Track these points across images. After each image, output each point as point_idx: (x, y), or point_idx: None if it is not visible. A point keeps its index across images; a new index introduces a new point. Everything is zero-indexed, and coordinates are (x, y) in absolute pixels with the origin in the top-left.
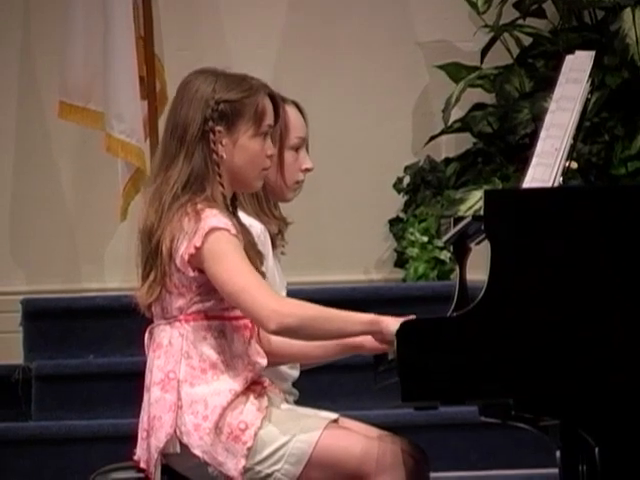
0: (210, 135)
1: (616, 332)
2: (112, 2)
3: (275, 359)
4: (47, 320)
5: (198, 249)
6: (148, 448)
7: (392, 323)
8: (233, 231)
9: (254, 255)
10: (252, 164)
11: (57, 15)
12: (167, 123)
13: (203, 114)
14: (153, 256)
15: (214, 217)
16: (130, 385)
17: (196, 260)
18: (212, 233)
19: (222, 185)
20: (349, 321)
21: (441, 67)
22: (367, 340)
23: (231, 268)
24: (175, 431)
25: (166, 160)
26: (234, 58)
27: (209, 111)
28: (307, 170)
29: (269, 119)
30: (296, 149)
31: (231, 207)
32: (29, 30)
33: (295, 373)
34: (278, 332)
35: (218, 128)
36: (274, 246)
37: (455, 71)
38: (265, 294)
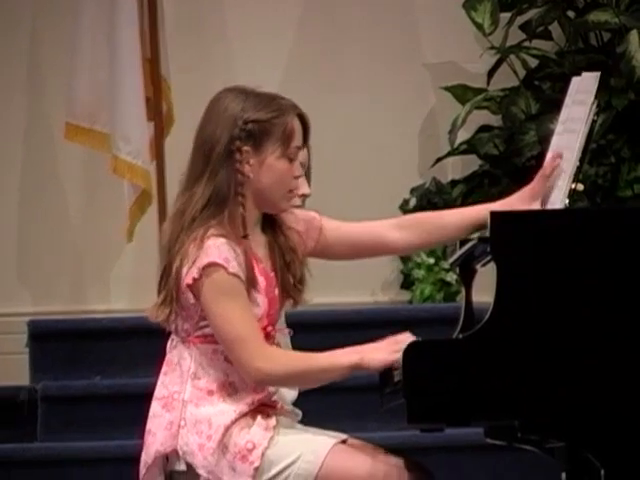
0: (236, 154)
1: (624, 355)
2: (119, 24)
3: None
4: (53, 341)
5: (196, 280)
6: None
7: (374, 359)
8: (231, 268)
9: None
10: (279, 184)
11: (64, 37)
12: (195, 139)
13: (230, 133)
14: (166, 275)
15: (216, 249)
16: (136, 406)
17: (194, 290)
18: (209, 268)
19: (243, 206)
20: (331, 370)
21: (447, 89)
22: None
23: (223, 315)
24: (177, 450)
25: (192, 177)
26: (241, 79)
27: (236, 130)
28: (304, 196)
29: (297, 140)
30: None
31: (260, 227)
32: (36, 52)
33: (293, 394)
34: (260, 386)
35: (245, 148)
36: None
37: (461, 93)
38: (251, 348)
